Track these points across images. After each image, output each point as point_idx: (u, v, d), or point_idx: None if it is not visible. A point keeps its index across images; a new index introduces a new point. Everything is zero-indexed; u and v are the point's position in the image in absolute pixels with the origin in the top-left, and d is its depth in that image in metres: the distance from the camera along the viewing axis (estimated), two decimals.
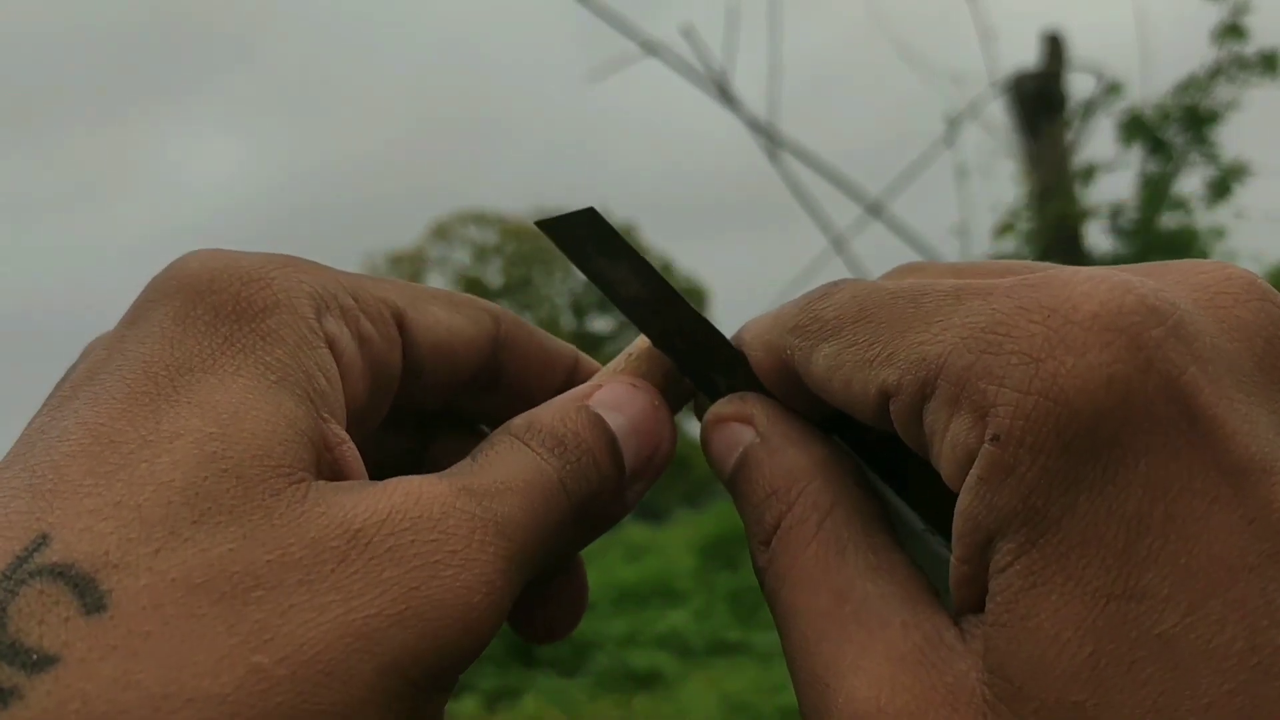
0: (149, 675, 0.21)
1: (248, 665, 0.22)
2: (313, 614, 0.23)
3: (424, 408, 0.34)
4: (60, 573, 0.22)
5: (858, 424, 0.28)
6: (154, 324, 0.26)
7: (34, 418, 0.26)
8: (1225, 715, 0.21)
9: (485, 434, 0.31)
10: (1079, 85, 4.84)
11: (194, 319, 0.26)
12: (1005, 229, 4.54)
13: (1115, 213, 4.40)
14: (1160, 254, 4.26)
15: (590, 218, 0.32)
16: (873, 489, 0.29)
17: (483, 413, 0.36)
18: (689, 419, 0.35)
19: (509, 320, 0.34)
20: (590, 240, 0.32)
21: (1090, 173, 4.49)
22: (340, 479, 0.26)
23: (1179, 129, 4.20)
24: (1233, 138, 4.17)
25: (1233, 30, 4.07)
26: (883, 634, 0.25)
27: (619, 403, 0.31)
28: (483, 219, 19.90)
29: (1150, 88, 4.49)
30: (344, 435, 0.27)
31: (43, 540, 0.22)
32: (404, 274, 19.35)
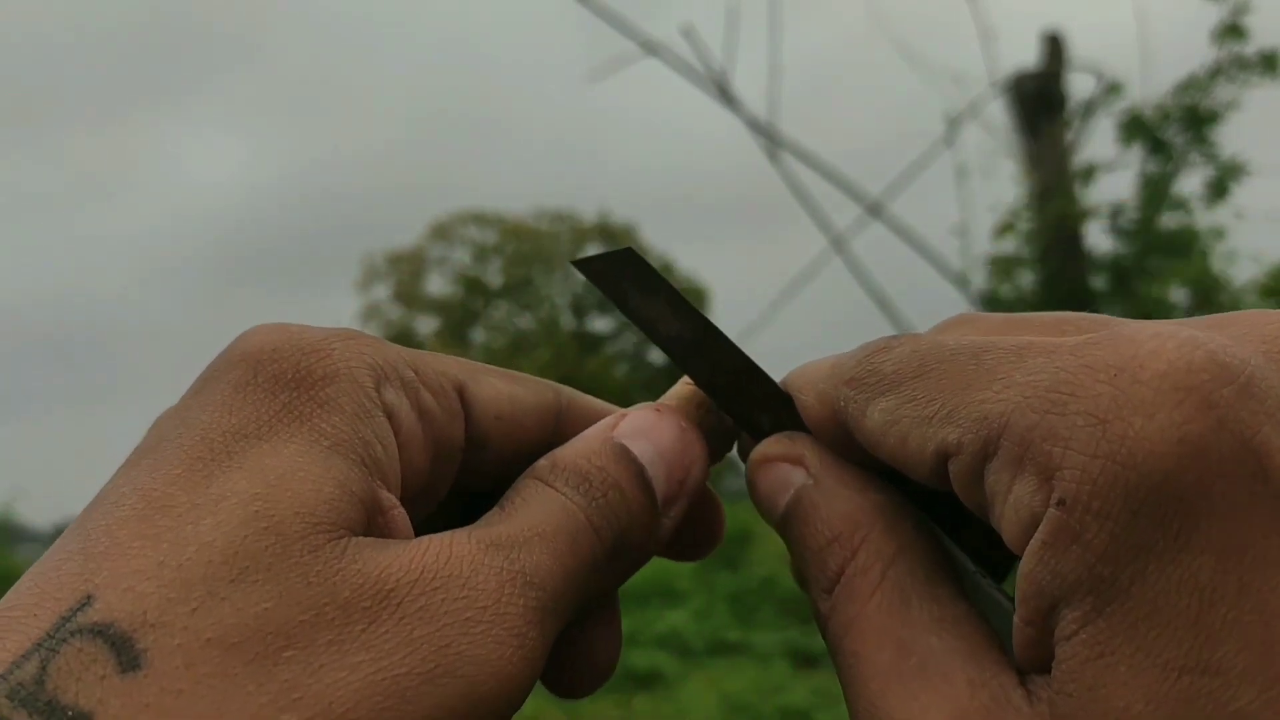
0: None
1: None
2: (343, 674, 0.23)
3: (495, 481, 0.33)
4: (100, 631, 0.22)
5: (904, 480, 0.27)
6: (215, 393, 0.27)
7: (103, 486, 0.26)
8: None
9: None
10: (1079, 85, 4.86)
11: (254, 387, 0.27)
12: (1005, 229, 4.55)
13: (1115, 213, 4.41)
14: (1160, 254, 4.27)
15: (628, 257, 0.32)
16: (934, 537, 0.28)
17: None
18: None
19: (568, 391, 0.34)
20: (628, 279, 0.32)
21: (1090, 173, 4.50)
22: None
23: (1179, 129, 4.20)
24: (1232, 137, 4.17)
25: (1233, 30, 4.08)
26: (948, 691, 0.24)
27: (643, 430, 0.31)
28: (483, 219, 19.91)
29: (1150, 88, 4.50)
30: (395, 501, 0.27)
31: (87, 600, 0.23)
32: (404, 273, 19.36)
